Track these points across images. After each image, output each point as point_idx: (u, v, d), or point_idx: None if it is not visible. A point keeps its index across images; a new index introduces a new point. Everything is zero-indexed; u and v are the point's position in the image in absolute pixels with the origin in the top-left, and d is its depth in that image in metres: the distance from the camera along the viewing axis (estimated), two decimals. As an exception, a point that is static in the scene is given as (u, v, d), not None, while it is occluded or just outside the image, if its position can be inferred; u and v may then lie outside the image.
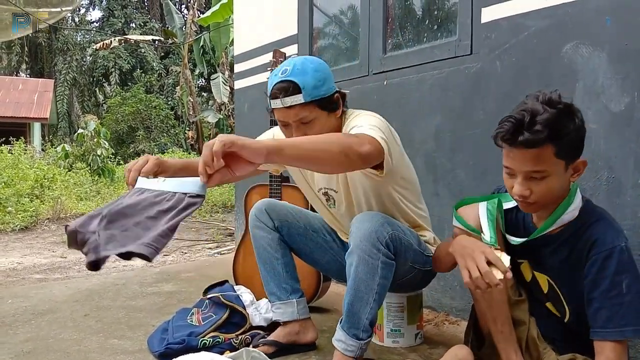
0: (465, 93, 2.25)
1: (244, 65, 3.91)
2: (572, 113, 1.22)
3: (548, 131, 1.17)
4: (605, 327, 1.22)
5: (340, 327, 1.60)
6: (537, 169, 1.22)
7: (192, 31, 13.42)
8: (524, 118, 1.19)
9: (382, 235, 1.50)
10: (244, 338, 1.95)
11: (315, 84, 1.54)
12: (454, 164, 2.32)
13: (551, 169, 1.22)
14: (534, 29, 2.00)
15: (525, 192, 1.25)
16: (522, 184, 1.25)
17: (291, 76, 1.53)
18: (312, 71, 1.55)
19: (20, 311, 2.47)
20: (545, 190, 1.25)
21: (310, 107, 1.54)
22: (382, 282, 1.52)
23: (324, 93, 1.56)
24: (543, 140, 1.18)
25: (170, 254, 4.69)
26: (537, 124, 1.17)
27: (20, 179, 7.56)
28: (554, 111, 1.19)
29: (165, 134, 16.66)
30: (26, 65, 21.27)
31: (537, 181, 1.24)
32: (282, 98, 1.53)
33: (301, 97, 1.52)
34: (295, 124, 1.56)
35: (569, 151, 1.23)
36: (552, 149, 1.19)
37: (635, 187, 1.71)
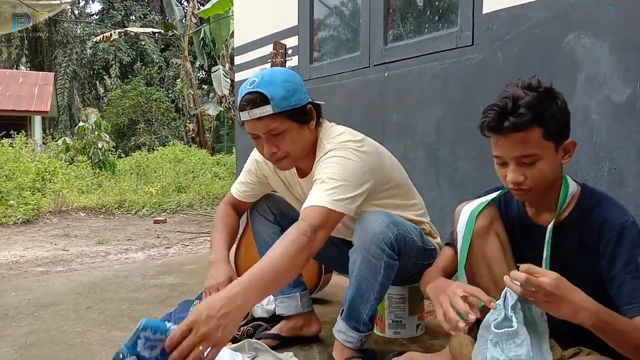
0: (467, 84, 2.25)
1: (244, 57, 3.90)
2: (553, 95, 1.23)
3: (532, 113, 1.18)
4: (632, 303, 1.19)
5: (341, 318, 1.61)
6: (527, 153, 1.22)
7: (192, 23, 13.39)
8: (507, 104, 1.20)
9: (387, 236, 1.50)
10: (246, 329, 1.95)
11: (284, 95, 1.48)
12: (455, 155, 2.32)
13: (541, 151, 1.22)
14: (535, 19, 1.99)
15: (520, 178, 1.25)
16: (514, 170, 1.25)
17: (259, 87, 1.48)
18: (281, 82, 1.50)
19: (23, 304, 2.49)
20: (539, 174, 1.24)
21: (280, 118, 1.49)
22: (384, 281, 1.54)
23: (294, 104, 1.50)
24: (528, 122, 1.19)
25: (172, 246, 4.71)
26: (521, 107, 1.19)
27: (21, 172, 7.57)
28: (535, 94, 1.20)
29: (166, 127, 16.65)
30: (26, 58, 21.22)
31: (529, 166, 1.23)
32: (250, 110, 1.47)
33: (270, 107, 1.46)
34: (266, 136, 1.52)
35: (557, 132, 1.23)
36: (539, 131, 1.20)
37: (637, 178, 1.71)
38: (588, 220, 1.27)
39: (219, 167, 10.87)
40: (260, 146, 1.56)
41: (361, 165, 1.52)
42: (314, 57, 3.23)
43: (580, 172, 1.84)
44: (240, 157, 4.09)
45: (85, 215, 6.82)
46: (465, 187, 2.25)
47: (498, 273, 1.38)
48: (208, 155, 12.16)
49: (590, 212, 1.28)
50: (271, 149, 1.53)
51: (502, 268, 1.38)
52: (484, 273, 1.41)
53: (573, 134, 1.27)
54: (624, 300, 1.20)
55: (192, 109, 14.06)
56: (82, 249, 4.58)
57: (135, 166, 10.72)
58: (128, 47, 20.56)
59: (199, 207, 7.51)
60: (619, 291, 1.22)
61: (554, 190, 1.31)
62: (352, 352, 1.59)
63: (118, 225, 6.19)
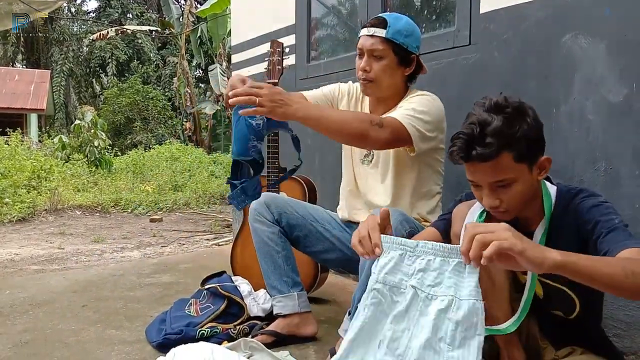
0: (464, 84, 2.25)
1: (241, 56, 3.89)
2: (522, 114, 1.19)
3: (499, 141, 1.15)
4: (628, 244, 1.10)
5: (348, 317, 1.60)
6: (499, 179, 1.20)
7: (189, 22, 13.35)
8: (474, 131, 1.17)
9: (401, 233, 1.51)
10: (242, 328, 1.95)
11: (401, 31, 1.69)
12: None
13: (515, 175, 1.20)
14: (533, 19, 1.99)
15: (495, 203, 1.23)
16: (489, 195, 1.23)
17: (386, 15, 1.72)
18: (406, 22, 1.72)
19: (18, 302, 2.48)
20: (514, 196, 1.22)
21: (386, 45, 1.69)
22: None
23: (404, 42, 1.70)
24: (496, 150, 1.15)
25: (168, 245, 4.70)
26: (487, 137, 1.15)
27: (17, 170, 7.53)
28: (502, 117, 1.16)
29: (163, 125, 16.61)
30: (22, 56, 21.13)
31: (504, 189, 1.21)
32: (369, 27, 1.70)
33: (384, 31, 1.68)
34: (368, 54, 1.71)
35: (528, 152, 1.20)
36: (510, 155, 1.17)
37: (633, 178, 1.71)
38: (572, 211, 1.26)
39: (216, 166, 10.85)
40: (359, 61, 1.73)
41: (440, 114, 1.74)
42: (311, 56, 3.23)
43: (576, 172, 1.85)
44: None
45: (81, 214, 6.79)
46: (460, 187, 2.25)
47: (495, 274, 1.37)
48: (204, 154, 12.14)
49: (569, 203, 1.27)
50: (365, 66, 1.71)
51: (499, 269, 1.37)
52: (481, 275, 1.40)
53: (569, 133, 1.27)
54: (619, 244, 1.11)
55: (188, 107, 14.03)
56: (78, 247, 4.57)
57: (132, 164, 10.69)
58: (125, 45, 20.51)
59: (195, 205, 7.49)
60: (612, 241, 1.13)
61: (536, 202, 1.29)
62: None
63: (114, 224, 6.17)
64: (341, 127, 1.55)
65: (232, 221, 5.13)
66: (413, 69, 1.77)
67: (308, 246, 1.93)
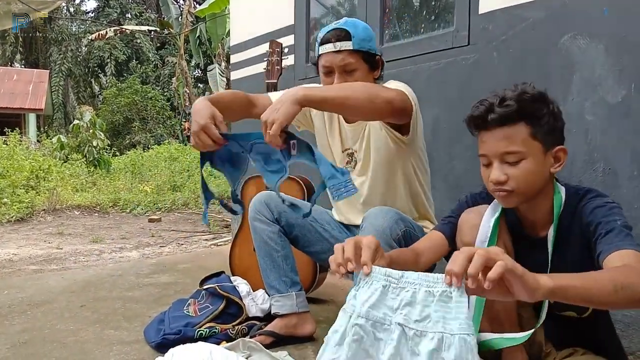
0: (463, 84, 2.25)
1: (240, 56, 3.89)
2: (545, 100, 1.19)
3: (519, 106, 1.15)
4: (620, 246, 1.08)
5: None
6: (511, 150, 1.16)
7: (188, 22, 13.33)
8: (495, 100, 1.18)
9: (396, 232, 1.51)
10: (241, 329, 1.95)
11: (365, 37, 1.66)
12: (451, 156, 2.32)
13: (527, 150, 1.16)
14: (531, 20, 1.99)
15: (502, 177, 1.18)
16: (497, 168, 1.19)
17: (344, 26, 1.66)
18: (363, 27, 1.68)
19: (16, 302, 2.47)
20: (522, 175, 1.17)
21: (356, 56, 1.65)
22: None
23: (370, 48, 1.67)
24: (515, 115, 1.15)
25: (167, 245, 4.69)
26: (508, 100, 1.16)
27: (15, 170, 7.52)
28: (525, 93, 1.17)
29: (161, 125, 16.60)
30: (21, 55, 21.11)
31: (513, 165, 1.18)
32: (334, 42, 1.64)
33: (350, 44, 1.63)
34: (339, 70, 1.65)
35: (546, 134, 1.17)
36: (526, 128, 1.16)
37: (632, 179, 1.71)
38: (579, 214, 1.23)
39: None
40: (330, 81, 1.68)
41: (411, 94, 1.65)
42: (310, 56, 3.23)
43: (574, 173, 1.85)
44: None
45: (80, 214, 6.79)
46: (460, 188, 2.26)
47: None
48: (203, 154, 12.11)
49: (575, 206, 1.24)
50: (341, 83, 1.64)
51: None
52: None
53: (567, 134, 1.25)
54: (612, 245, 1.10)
55: (187, 107, 13.99)
56: (76, 248, 4.56)
57: (130, 164, 10.69)
58: (124, 45, 20.50)
59: (194, 206, 7.48)
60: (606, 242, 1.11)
61: (546, 200, 1.26)
62: None
63: (112, 224, 6.17)
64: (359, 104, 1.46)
65: (230, 221, 5.13)
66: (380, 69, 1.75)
67: (307, 246, 1.93)
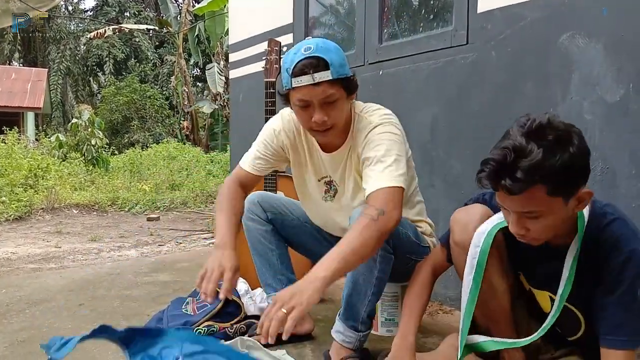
0: (461, 83, 2.25)
1: (239, 55, 3.89)
2: (565, 142, 1.07)
3: (532, 177, 1.04)
4: (616, 335, 1.15)
5: (339, 318, 1.60)
6: (529, 210, 1.11)
7: (186, 20, 13.33)
8: (506, 159, 1.06)
9: (406, 235, 1.52)
10: (239, 327, 1.95)
11: (341, 62, 1.50)
12: (449, 155, 2.32)
13: (545, 208, 1.10)
14: (530, 19, 1.99)
15: (521, 232, 1.15)
16: (516, 223, 1.15)
17: (317, 52, 1.47)
18: (335, 49, 1.51)
19: (14, 301, 2.47)
20: (543, 228, 1.14)
21: (337, 85, 1.49)
22: (381, 275, 1.53)
23: (347, 73, 1.52)
24: (526, 186, 1.05)
25: (165, 244, 4.69)
26: (519, 171, 1.04)
27: (13, 168, 7.51)
28: (539, 150, 1.04)
29: (160, 124, 16.58)
30: (19, 54, 21.06)
31: (533, 220, 1.13)
32: (313, 74, 1.45)
33: (329, 73, 1.46)
34: (319, 103, 1.49)
35: (565, 186, 1.09)
36: (542, 188, 1.06)
37: (630, 179, 1.71)
38: (597, 241, 1.19)
39: (213, 165, 10.84)
40: (308, 115, 1.52)
41: (403, 138, 1.58)
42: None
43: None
44: (234, 155, 4.08)
45: (78, 212, 6.78)
46: (458, 187, 2.26)
47: (496, 283, 1.36)
48: (202, 153, 12.12)
49: (599, 232, 1.20)
50: (322, 117, 1.50)
51: (500, 277, 1.37)
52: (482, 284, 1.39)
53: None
54: (608, 329, 1.17)
55: (186, 106, 14.01)
56: (75, 246, 4.56)
57: (129, 163, 10.68)
58: (122, 43, 20.48)
59: (192, 204, 7.48)
60: (607, 320, 1.17)
61: (572, 219, 1.21)
62: (349, 351, 1.59)
63: (111, 223, 6.16)
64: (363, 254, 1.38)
65: (229, 220, 5.12)
66: None
67: (303, 246, 1.93)
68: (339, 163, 1.68)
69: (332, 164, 1.70)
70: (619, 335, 1.15)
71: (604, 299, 1.18)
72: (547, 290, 1.35)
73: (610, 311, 1.16)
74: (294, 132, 1.73)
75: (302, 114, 1.55)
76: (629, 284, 1.14)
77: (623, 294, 1.15)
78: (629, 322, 1.15)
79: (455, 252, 1.41)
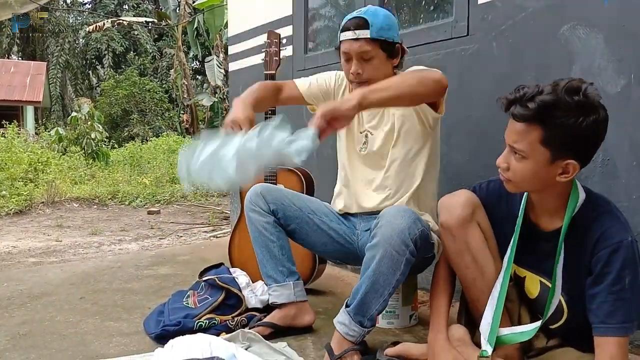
0: (462, 75, 2.24)
1: (238, 47, 3.87)
2: (585, 110, 1.12)
3: (539, 112, 1.13)
4: (607, 322, 1.19)
5: (346, 311, 1.59)
6: (517, 147, 1.19)
7: (185, 13, 13.26)
8: (530, 91, 1.16)
9: (414, 232, 1.50)
10: (240, 320, 1.95)
11: (383, 26, 1.69)
12: (449, 146, 2.32)
13: (531, 152, 1.17)
14: (531, 10, 1.98)
15: (503, 165, 1.25)
16: (503, 156, 1.25)
17: (364, 14, 1.70)
18: (383, 16, 1.71)
19: (15, 294, 2.48)
20: (520, 172, 1.22)
21: (374, 44, 1.68)
22: (401, 277, 1.52)
23: (388, 36, 1.70)
24: (530, 117, 1.14)
25: (166, 237, 4.70)
26: (532, 101, 1.14)
27: (13, 162, 7.52)
28: (561, 97, 1.12)
29: (160, 118, 16.57)
30: (18, 47, 21.01)
31: (517, 159, 1.21)
32: (354, 30, 1.68)
33: (368, 32, 1.67)
34: (357, 57, 1.70)
35: (559, 144, 1.15)
36: (540, 132, 1.14)
37: (630, 170, 1.71)
38: (587, 231, 1.24)
39: (213, 158, 10.83)
40: (348, 67, 1.73)
41: None
42: (308, 47, 3.21)
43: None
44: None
45: (79, 206, 6.79)
46: (458, 178, 2.25)
47: (483, 262, 1.39)
48: (202, 146, 12.09)
49: (590, 222, 1.24)
50: (357, 70, 1.71)
51: (487, 257, 1.40)
52: (469, 263, 1.41)
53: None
54: (600, 318, 1.20)
55: (185, 99, 13.97)
56: (76, 240, 4.57)
57: (129, 157, 10.68)
58: (121, 36, 20.39)
59: (192, 198, 7.49)
60: (598, 309, 1.20)
61: (560, 197, 1.26)
62: (351, 344, 1.58)
63: (111, 216, 6.17)
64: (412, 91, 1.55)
65: (229, 213, 5.12)
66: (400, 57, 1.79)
67: (305, 238, 1.92)
68: (374, 113, 1.84)
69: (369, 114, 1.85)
70: (611, 323, 1.19)
71: (594, 289, 1.22)
72: (538, 274, 1.38)
73: (600, 300, 1.20)
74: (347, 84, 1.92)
75: (345, 66, 1.77)
76: (616, 275, 1.18)
77: (612, 283, 1.19)
78: (620, 309, 1.19)
79: (443, 235, 1.46)
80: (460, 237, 1.39)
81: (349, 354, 1.57)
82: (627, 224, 1.23)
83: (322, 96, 1.93)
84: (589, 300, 1.23)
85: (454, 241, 1.40)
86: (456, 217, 1.38)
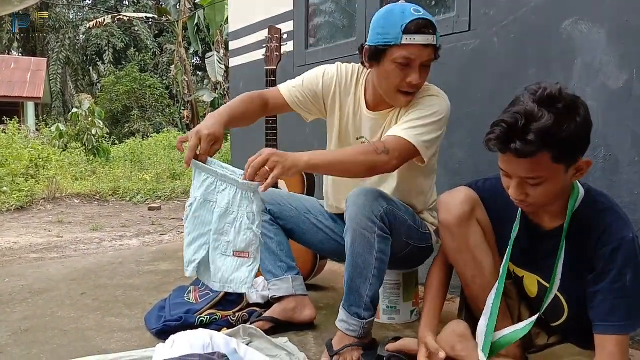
0: (463, 70, 2.23)
1: (239, 43, 3.86)
2: (573, 111, 1.11)
3: (542, 141, 1.08)
4: (608, 320, 1.18)
5: (342, 306, 1.59)
6: (532, 176, 1.15)
7: (186, 9, 13.24)
8: (518, 123, 1.09)
9: (377, 209, 1.51)
10: (241, 315, 1.95)
11: (438, 31, 1.56)
12: (450, 142, 2.31)
13: (548, 174, 1.14)
14: (532, 4, 1.97)
15: (521, 197, 1.20)
16: (517, 188, 1.19)
17: (429, 17, 1.53)
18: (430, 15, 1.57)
19: (17, 290, 2.48)
20: (543, 194, 1.18)
21: (436, 51, 1.57)
22: (380, 256, 1.52)
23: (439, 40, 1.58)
24: (536, 149, 1.09)
25: (167, 233, 4.70)
26: (530, 133, 1.08)
27: (14, 158, 7.51)
28: (550, 116, 1.08)
29: (160, 114, 16.56)
30: (18, 43, 20.98)
31: (534, 186, 1.17)
32: (427, 35, 1.51)
33: (435, 38, 1.54)
34: (423, 64, 1.55)
35: (568, 154, 1.14)
36: (549, 155, 1.11)
37: (632, 165, 1.71)
38: (588, 229, 1.23)
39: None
40: (404, 75, 1.54)
41: (446, 112, 1.61)
42: (309, 43, 3.20)
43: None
44: (235, 144, 4.07)
45: (79, 202, 6.79)
46: (460, 175, 2.25)
47: (482, 260, 1.39)
48: (203, 142, 12.09)
49: (591, 220, 1.23)
50: (419, 79, 1.55)
51: (486, 255, 1.39)
52: (468, 260, 1.41)
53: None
54: (600, 316, 1.20)
55: (186, 95, 13.97)
56: (77, 236, 4.57)
57: (130, 153, 10.67)
58: (121, 32, 20.36)
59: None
60: (599, 307, 1.20)
61: (562, 200, 1.26)
62: (352, 339, 1.57)
63: (112, 212, 6.17)
64: (348, 168, 1.48)
65: (230, 209, 5.12)
66: None
67: (303, 237, 1.93)
68: (380, 124, 1.69)
69: (374, 125, 1.70)
70: (612, 321, 1.18)
71: (595, 287, 1.21)
72: (535, 273, 1.37)
73: (601, 298, 1.20)
74: (347, 83, 1.75)
75: (398, 73, 1.55)
76: (617, 272, 1.17)
77: (613, 281, 1.18)
78: (620, 307, 1.18)
79: (441, 232, 1.45)
80: (459, 235, 1.38)
81: (348, 350, 1.56)
82: (628, 220, 1.22)
83: (310, 101, 1.77)
84: (589, 297, 1.22)
85: (453, 239, 1.40)
86: (455, 215, 1.38)
